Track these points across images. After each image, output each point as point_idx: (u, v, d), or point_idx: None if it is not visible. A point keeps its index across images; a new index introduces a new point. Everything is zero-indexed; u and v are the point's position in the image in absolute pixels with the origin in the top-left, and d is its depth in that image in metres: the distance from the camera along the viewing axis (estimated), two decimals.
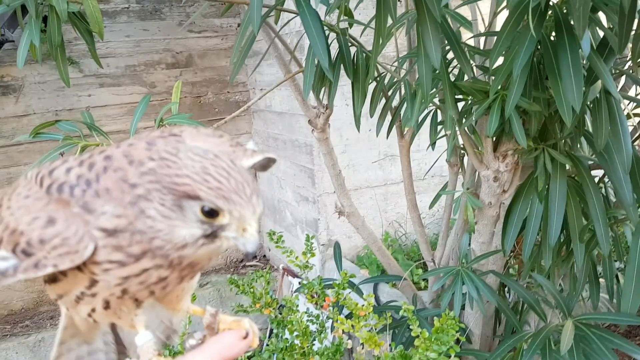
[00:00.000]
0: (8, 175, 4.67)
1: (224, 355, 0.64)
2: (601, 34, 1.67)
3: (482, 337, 2.52)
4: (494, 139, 1.99)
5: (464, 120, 1.92)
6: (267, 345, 2.21)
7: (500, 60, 1.64)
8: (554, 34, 1.57)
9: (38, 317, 4.85)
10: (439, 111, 2.25)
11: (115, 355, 0.82)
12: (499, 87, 1.65)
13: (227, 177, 0.58)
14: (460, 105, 1.96)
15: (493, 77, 1.75)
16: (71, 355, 0.79)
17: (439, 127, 2.24)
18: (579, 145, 2.02)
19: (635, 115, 2.10)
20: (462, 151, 2.32)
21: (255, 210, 0.59)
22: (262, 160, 0.76)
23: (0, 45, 4.33)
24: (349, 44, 2.06)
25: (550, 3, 1.53)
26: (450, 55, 1.88)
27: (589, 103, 1.70)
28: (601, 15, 1.62)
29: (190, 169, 0.57)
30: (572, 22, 1.48)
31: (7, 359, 4.35)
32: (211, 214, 0.58)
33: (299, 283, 2.87)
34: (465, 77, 1.99)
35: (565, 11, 1.52)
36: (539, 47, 1.60)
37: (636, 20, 1.51)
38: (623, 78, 2.15)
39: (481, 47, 2.19)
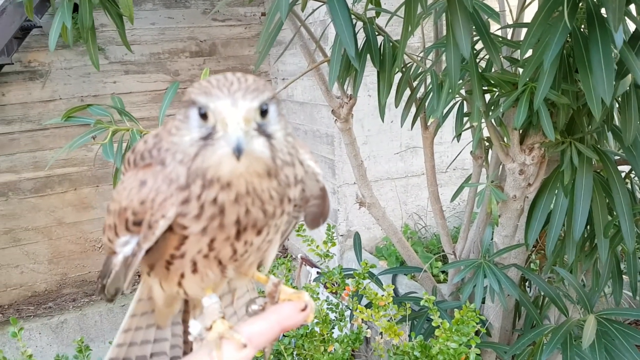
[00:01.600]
0: (34, 159, 4.75)
1: (283, 325, 0.67)
2: (632, 26, 1.65)
3: (502, 330, 2.51)
4: (521, 131, 1.97)
5: (491, 112, 1.91)
6: (287, 331, 2.23)
7: (529, 53, 1.62)
8: (583, 26, 1.55)
9: (61, 299, 4.95)
10: (464, 103, 2.24)
11: (181, 351, 0.83)
12: (528, 79, 1.64)
13: (220, 79, 0.59)
14: (487, 97, 1.94)
15: (521, 69, 1.73)
16: (138, 334, 0.80)
17: (464, 119, 2.23)
18: (605, 140, 2.00)
19: None
20: (487, 143, 2.31)
21: (235, 104, 0.58)
22: (315, 201, 0.79)
23: (28, 31, 4.39)
24: (376, 34, 2.05)
25: None
26: (477, 46, 1.87)
27: (618, 97, 1.68)
28: (631, 8, 1.60)
29: (204, 84, 0.60)
30: (604, 14, 1.46)
31: (31, 339, 4.45)
32: (205, 116, 0.59)
33: (317, 273, 2.89)
34: (493, 69, 1.98)
35: (597, 2, 1.50)
36: (568, 39, 1.59)
37: None
38: None
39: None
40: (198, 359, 0.63)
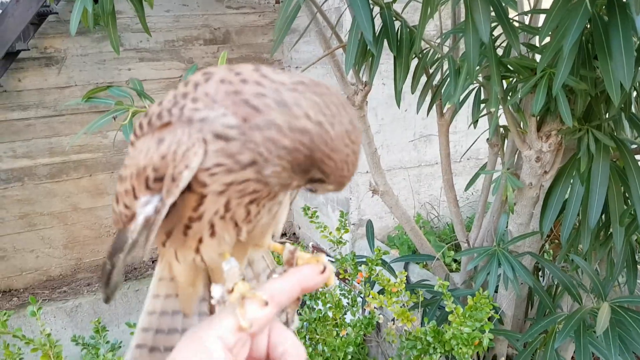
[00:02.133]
0: (49, 145, 4.79)
1: (303, 285, 0.67)
2: None
3: (514, 319, 2.52)
4: (538, 118, 1.97)
5: (509, 97, 1.91)
6: (300, 314, 2.25)
7: (547, 39, 1.62)
8: (601, 12, 1.54)
9: (75, 283, 5.01)
10: (481, 89, 2.23)
11: None
12: (546, 65, 1.63)
13: (347, 156, 0.59)
14: (504, 83, 1.94)
15: (539, 56, 1.73)
16: (164, 321, 0.77)
17: (481, 105, 2.23)
18: (622, 129, 1.99)
19: None
20: (502, 131, 2.30)
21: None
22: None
23: (44, 17, 4.42)
24: (393, 19, 2.05)
25: None
26: (495, 32, 1.86)
27: (636, 83, 1.67)
28: None
29: (311, 114, 0.57)
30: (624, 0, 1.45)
31: (46, 322, 4.50)
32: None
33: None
34: (510, 56, 1.97)
35: None
36: (587, 25, 1.58)
37: None
38: None
39: None
40: (221, 319, 0.63)
